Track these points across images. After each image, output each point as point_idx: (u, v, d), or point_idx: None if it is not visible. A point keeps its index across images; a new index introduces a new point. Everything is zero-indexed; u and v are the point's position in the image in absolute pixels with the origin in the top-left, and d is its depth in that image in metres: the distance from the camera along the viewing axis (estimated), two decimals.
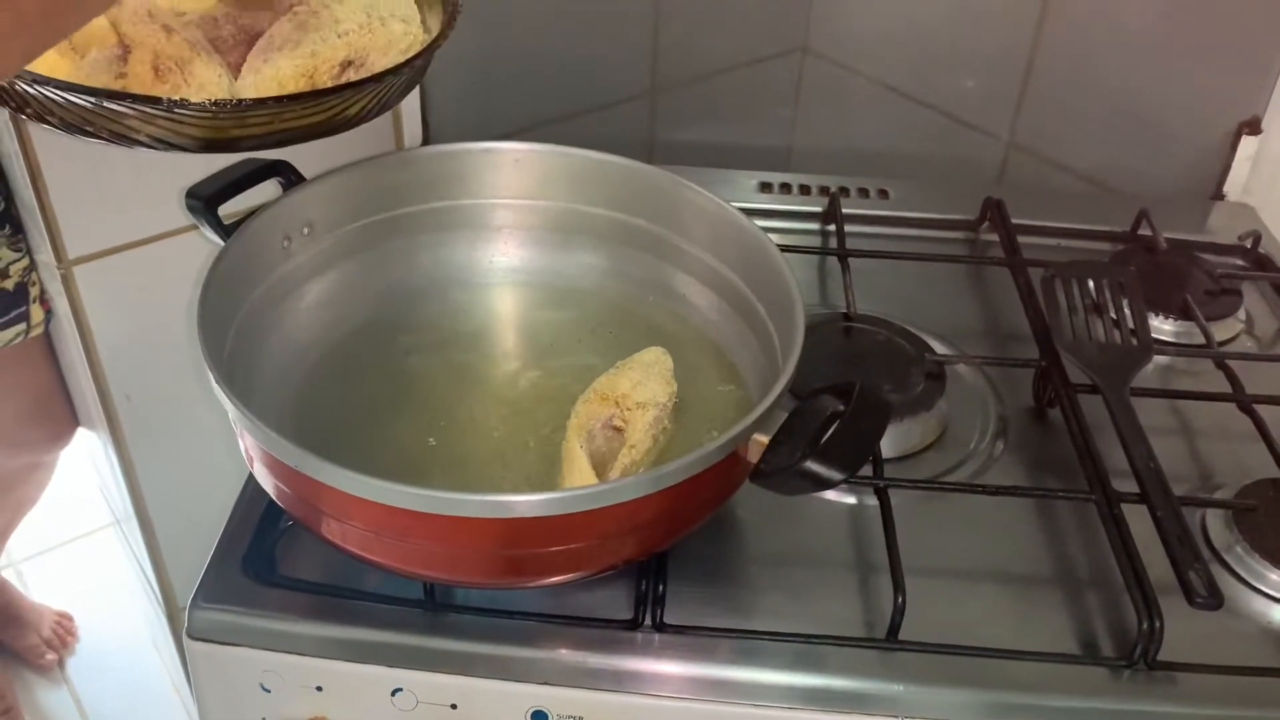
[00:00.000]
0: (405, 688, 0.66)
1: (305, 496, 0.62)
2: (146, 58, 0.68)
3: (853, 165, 1.13)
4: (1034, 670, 0.65)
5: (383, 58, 0.72)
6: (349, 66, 0.72)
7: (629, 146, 0.81)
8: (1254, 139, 1.05)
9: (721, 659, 0.65)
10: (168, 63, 0.68)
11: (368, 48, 0.72)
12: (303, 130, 0.67)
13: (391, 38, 0.73)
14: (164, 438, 1.11)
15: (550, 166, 0.80)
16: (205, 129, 0.64)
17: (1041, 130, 1.15)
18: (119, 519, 1.36)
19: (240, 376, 0.67)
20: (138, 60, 0.68)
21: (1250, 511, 0.73)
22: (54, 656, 1.62)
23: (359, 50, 0.72)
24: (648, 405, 0.69)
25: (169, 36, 0.68)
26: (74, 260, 0.97)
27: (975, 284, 0.97)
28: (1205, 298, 0.92)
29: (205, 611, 0.67)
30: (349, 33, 0.72)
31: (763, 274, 0.73)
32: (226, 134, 0.65)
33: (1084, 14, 1.07)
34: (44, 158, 0.91)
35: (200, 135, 0.64)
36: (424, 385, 0.75)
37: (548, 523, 0.58)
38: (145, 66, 0.68)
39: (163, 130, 0.63)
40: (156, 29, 0.68)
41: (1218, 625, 0.68)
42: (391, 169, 0.81)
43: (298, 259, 0.76)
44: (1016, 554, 0.73)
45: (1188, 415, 0.84)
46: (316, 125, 0.67)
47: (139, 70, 0.68)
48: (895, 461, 0.78)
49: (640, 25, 1.19)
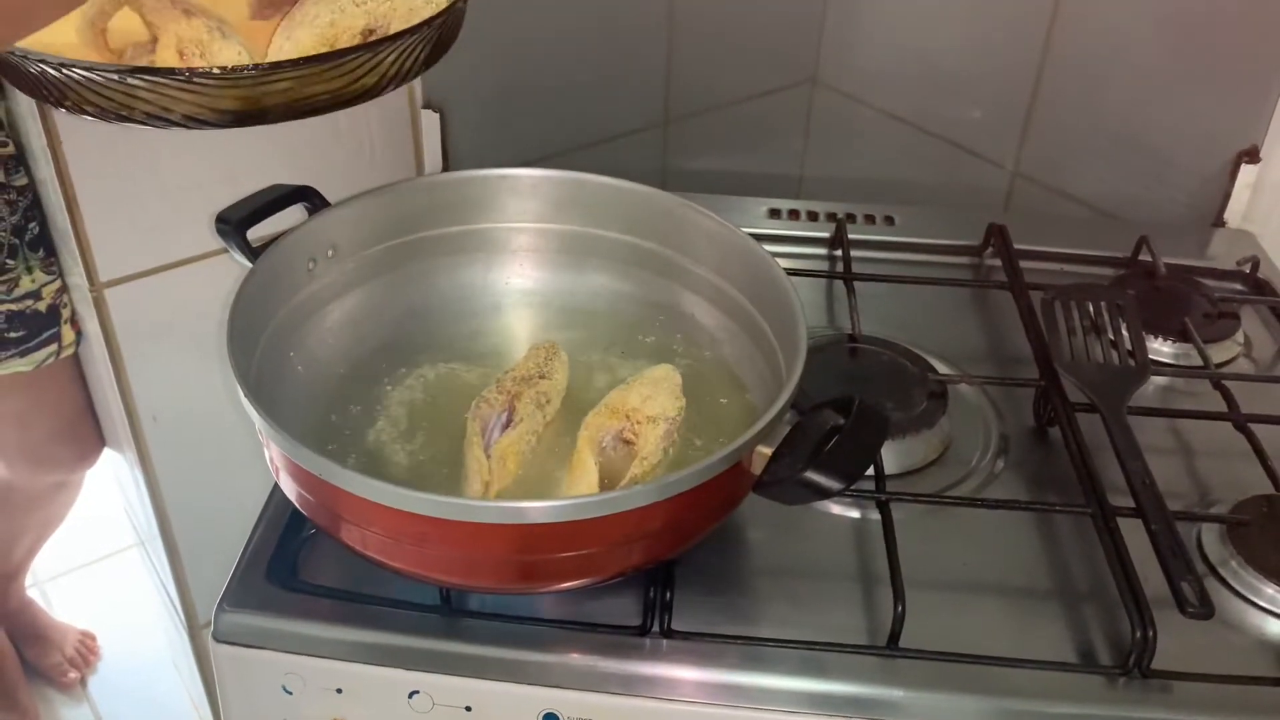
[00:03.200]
0: (422, 690, 0.68)
1: (327, 504, 0.64)
2: (170, 43, 0.70)
3: (863, 193, 1.16)
4: (1031, 678, 0.67)
5: (405, 26, 0.74)
6: (371, 35, 0.73)
7: (643, 175, 0.84)
8: (1253, 167, 1.07)
9: (728, 664, 0.68)
10: (190, 46, 0.70)
11: (388, 16, 0.74)
12: (328, 97, 0.68)
13: (414, 6, 0.74)
14: (189, 458, 1.14)
15: (563, 191, 0.84)
16: (230, 99, 0.66)
17: (1046, 159, 1.18)
18: (143, 539, 1.39)
19: (266, 391, 0.70)
20: (163, 46, 0.71)
21: (1243, 526, 0.75)
22: (76, 675, 1.65)
23: (379, 18, 0.74)
24: (658, 419, 0.71)
25: (189, 20, 0.71)
26: (105, 283, 1.01)
27: (978, 307, 0.99)
28: (1203, 321, 0.94)
29: (231, 615, 0.70)
30: (368, 0, 0.73)
31: (768, 294, 0.75)
32: (254, 104, 0.66)
33: (1087, 46, 1.10)
34: (78, 183, 0.95)
35: (227, 107, 0.66)
36: (442, 401, 0.78)
37: (559, 529, 0.60)
38: (170, 51, 0.70)
39: (191, 106, 0.65)
40: (177, 14, 0.70)
41: (1213, 637, 0.70)
42: (412, 194, 0.84)
43: (322, 280, 0.80)
44: (1015, 567, 0.75)
45: (1186, 434, 0.86)
46: (342, 91, 0.69)
47: (164, 55, 0.70)
48: (898, 477, 0.81)
49: (654, 57, 1.23)
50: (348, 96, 0.69)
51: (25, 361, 1.12)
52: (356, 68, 0.68)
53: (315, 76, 0.67)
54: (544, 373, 0.76)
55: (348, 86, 0.69)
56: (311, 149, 1.03)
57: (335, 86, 0.68)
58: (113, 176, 0.96)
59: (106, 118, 0.66)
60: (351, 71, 0.68)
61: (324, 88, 0.68)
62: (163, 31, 0.71)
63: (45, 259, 1.08)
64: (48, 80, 0.65)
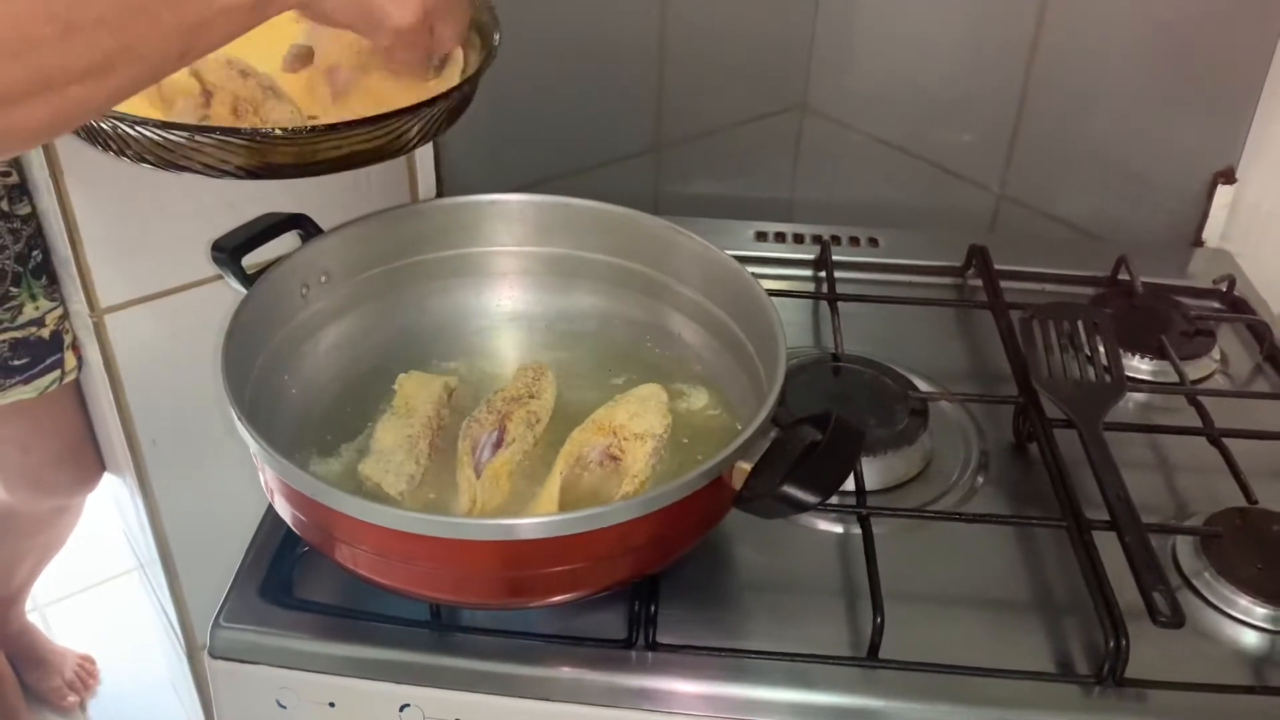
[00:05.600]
0: (413, 703, 0.70)
1: (320, 524, 0.66)
2: (227, 100, 0.76)
3: (852, 217, 1.18)
4: (1008, 687, 0.69)
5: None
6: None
7: (635, 200, 0.86)
8: (1229, 188, 1.09)
9: (712, 676, 0.69)
10: (244, 104, 0.76)
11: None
12: (370, 153, 0.75)
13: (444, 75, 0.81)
14: (187, 480, 1.15)
15: (552, 216, 0.86)
16: (283, 155, 0.71)
17: (1031, 182, 1.20)
18: (142, 562, 1.40)
19: (262, 415, 0.71)
20: (219, 103, 0.76)
21: (1217, 538, 0.77)
22: (75, 698, 1.67)
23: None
24: (645, 437, 0.73)
25: (244, 80, 0.76)
26: (106, 309, 1.03)
27: (959, 326, 1.01)
28: (1180, 338, 0.96)
29: (226, 631, 0.71)
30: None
31: (750, 313, 0.77)
32: (307, 159, 0.72)
33: (1068, 73, 1.12)
34: (79, 212, 0.97)
35: (280, 161, 0.72)
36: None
37: (546, 544, 0.62)
38: (226, 108, 0.76)
39: (246, 159, 0.71)
40: (234, 74, 0.76)
41: (1187, 647, 0.72)
42: (403, 220, 0.86)
43: (315, 305, 0.81)
44: (994, 580, 0.77)
45: (1162, 449, 0.88)
46: (384, 148, 0.75)
47: (220, 111, 0.76)
48: (881, 493, 0.82)
49: (646, 84, 1.25)
50: (388, 153, 0.76)
51: (29, 388, 1.14)
52: (395, 127, 0.74)
53: (360, 137, 0.72)
54: (533, 392, 0.78)
55: (389, 144, 0.75)
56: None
57: (377, 145, 0.74)
58: (113, 206, 0.98)
59: (165, 167, 0.71)
60: (389, 131, 0.74)
61: (368, 145, 0.74)
62: (219, 90, 0.76)
63: (48, 286, 1.10)
64: (118, 134, 0.69)
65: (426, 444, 0.74)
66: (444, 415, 0.78)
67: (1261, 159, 1.07)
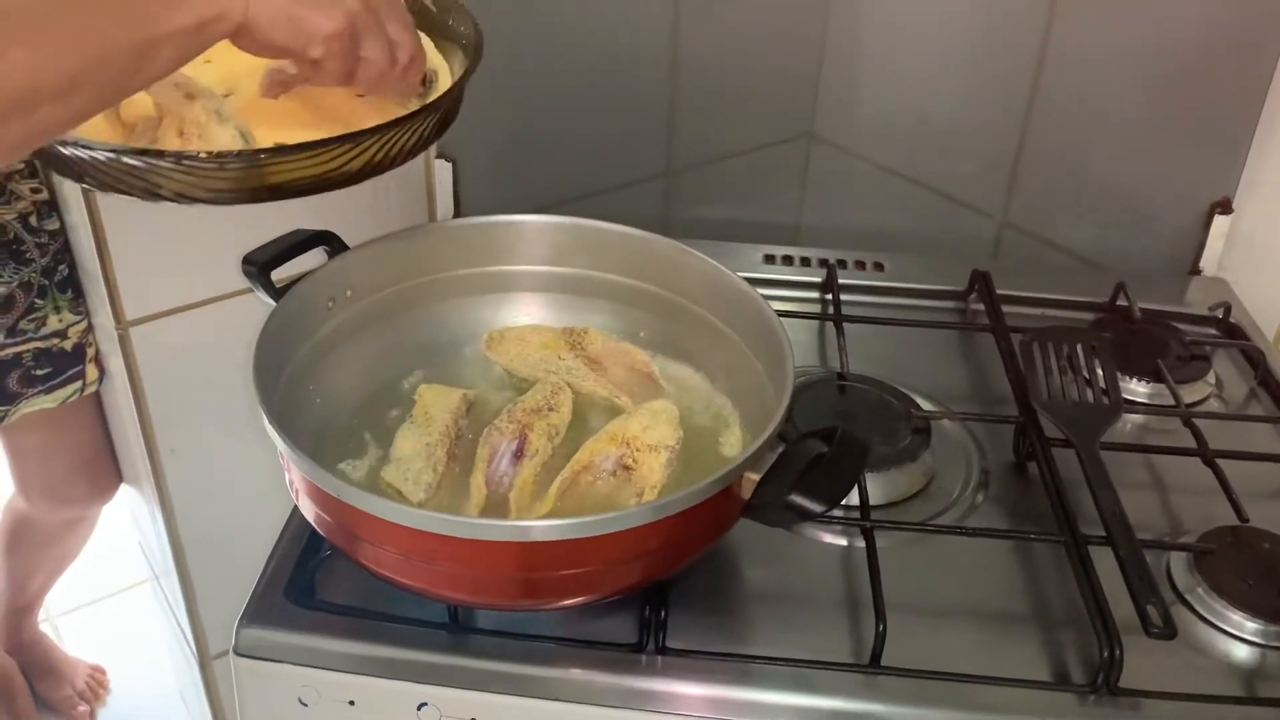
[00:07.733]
0: (430, 703, 0.72)
1: (344, 523, 0.69)
2: (173, 123, 0.75)
3: (857, 241, 1.21)
4: (1005, 694, 0.71)
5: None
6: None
7: (647, 222, 0.88)
8: (1226, 218, 1.12)
9: (719, 680, 0.72)
10: (190, 127, 0.75)
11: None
12: (338, 176, 0.73)
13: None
14: (205, 490, 1.18)
15: (567, 237, 0.89)
16: (223, 180, 0.70)
17: (1032, 210, 1.23)
18: (157, 572, 1.43)
19: (288, 421, 0.73)
20: (167, 126, 0.76)
21: (1209, 555, 0.79)
22: (86, 708, 1.68)
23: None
24: (659, 448, 0.76)
25: (190, 103, 0.75)
26: (131, 321, 1.06)
27: (961, 349, 1.04)
28: (1176, 363, 0.99)
29: (251, 630, 0.74)
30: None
31: (759, 333, 0.80)
32: (261, 182, 0.71)
33: (1069, 105, 1.16)
34: (109, 226, 1.00)
35: (222, 188, 0.70)
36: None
37: (560, 547, 0.65)
38: (172, 131, 0.75)
39: (182, 184, 0.69)
40: (180, 97, 0.75)
41: (1181, 660, 0.74)
42: (424, 239, 0.89)
43: (340, 318, 0.84)
44: (993, 592, 0.79)
45: (1158, 470, 0.90)
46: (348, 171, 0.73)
47: (167, 135, 0.75)
48: (883, 508, 0.85)
49: (657, 111, 1.28)
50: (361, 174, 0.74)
51: (50, 398, 1.17)
52: (340, 153, 0.72)
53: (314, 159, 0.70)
54: (552, 405, 0.81)
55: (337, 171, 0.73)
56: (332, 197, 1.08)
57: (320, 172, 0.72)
58: (142, 221, 1.01)
59: (105, 189, 0.71)
60: (337, 156, 0.72)
61: (323, 168, 0.72)
62: (167, 113, 0.75)
63: (73, 300, 1.13)
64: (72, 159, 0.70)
65: (444, 452, 0.77)
66: (461, 426, 0.81)
67: (1257, 190, 1.10)
